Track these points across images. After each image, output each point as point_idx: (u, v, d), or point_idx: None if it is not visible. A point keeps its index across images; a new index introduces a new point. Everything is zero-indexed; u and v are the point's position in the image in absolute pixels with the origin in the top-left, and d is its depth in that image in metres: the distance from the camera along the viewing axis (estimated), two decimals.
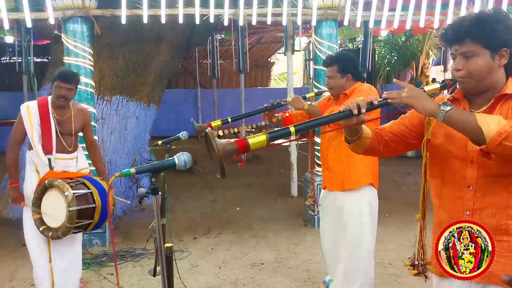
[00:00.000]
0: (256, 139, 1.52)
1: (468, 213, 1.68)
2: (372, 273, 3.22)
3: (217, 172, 1.56)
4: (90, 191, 3.27)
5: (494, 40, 1.61)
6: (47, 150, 3.41)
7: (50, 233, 3.22)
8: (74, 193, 3.11)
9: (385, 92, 1.64)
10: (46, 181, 3.22)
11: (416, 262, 1.82)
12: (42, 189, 3.25)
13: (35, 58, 9.18)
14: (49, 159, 3.39)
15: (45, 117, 3.44)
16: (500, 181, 1.63)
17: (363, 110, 1.60)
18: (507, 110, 1.62)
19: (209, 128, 1.50)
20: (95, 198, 3.25)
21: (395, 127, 1.90)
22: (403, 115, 1.94)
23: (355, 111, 1.60)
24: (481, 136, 1.46)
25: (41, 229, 3.26)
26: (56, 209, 3.17)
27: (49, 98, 3.54)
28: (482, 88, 1.67)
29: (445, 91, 1.86)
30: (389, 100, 1.60)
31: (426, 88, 1.72)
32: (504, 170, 1.61)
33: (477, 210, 1.67)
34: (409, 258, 1.88)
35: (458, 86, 1.73)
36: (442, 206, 1.79)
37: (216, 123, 3.38)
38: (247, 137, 1.53)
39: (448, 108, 1.52)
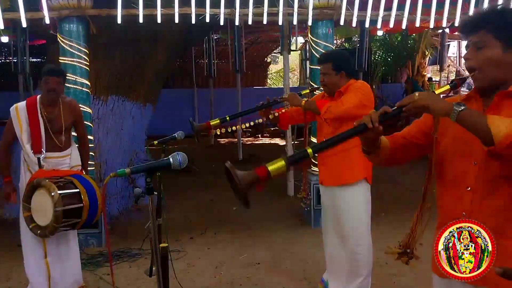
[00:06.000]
0: (276, 165, 1.51)
1: (465, 214, 1.68)
2: (371, 264, 3.38)
3: (240, 203, 1.54)
4: (77, 190, 3.31)
5: (509, 33, 1.60)
6: (36, 149, 3.47)
7: (39, 231, 3.28)
8: (60, 194, 3.16)
9: (397, 103, 1.63)
10: (35, 181, 3.28)
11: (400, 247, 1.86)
12: (31, 188, 3.31)
13: (31, 58, 9.14)
14: (39, 158, 3.45)
15: (33, 116, 3.49)
16: (500, 184, 1.63)
17: (376, 124, 1.60)
18: None
19: (228, 162, 1.48)
20: (82, 198, 3.29)
21: (407, 130, 1.91)
22: (416, 119, 1.93)
23: (370, 125, 1.60)
24: (490, 137, 1.46)
25: (30, 226, 3.32)
26: (43, 208, 3.23)
27: (38, 97, 3.58)
28: (492, 83, 1.66)
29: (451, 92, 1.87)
30: (404, 109, 1.59)
31: (437, 91, 1.73)
32: (506, 172, 1.61)
33: (475, 211, 1.67)
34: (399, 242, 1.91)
35: (472, 83, 1.73)
36: (442, 207, 1.80)
37: (215, 122, 3.41)
38: (266, 165, 1.51)
39: (462, 108, 1.52)
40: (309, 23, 5.18)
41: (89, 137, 4.76)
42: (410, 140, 1.88)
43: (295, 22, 5.58)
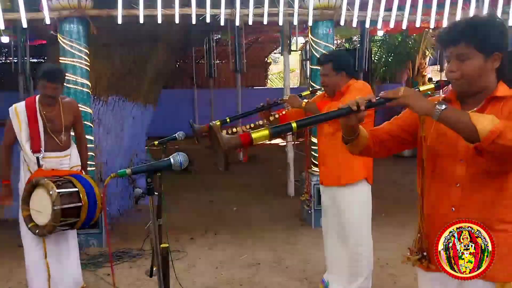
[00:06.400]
0: (259, 134, 1.54)
1: (453, 209, 1.71)
2: (372, 264, 3.39)
3: (220, 165, 1.60)
4: (76, 189, 3.31)
5: (487, 44, 1.64)
6: (35, 149, 3.46)
7: (37, 230, 3.28)
8: (59, 192, 3.17)
9: (381, 92, 1.65)
10: (33, 180, 3.30)
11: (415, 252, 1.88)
12: (30, 187, 3.32)
13: (31, 58, 9.14)
14: (37, 158, 3.45)
15: (32, 116, 3.48)
16: (488, 179, 1.67)
17: (362, 107, 1.61)
18: (497, 111, 1.65)
19: (213, 121, 1.54)
20: (81, 197, 3.29)
21: (389, 127, 1.94)
22: (396, 115, 1.96)
23: (354, 108, 1.61)
24: (475, 134, 1.49)
25: (29, 226, 3.32)
26: (42, 207, 3.23)
27: (37, 97, 3.57)
28: (474, 89, 1.70)
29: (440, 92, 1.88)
30: (387, 104, 1.62)
31: (421, 88, 1.75)
32: (493, 167, 1.64)
33: (463, 206, 1.70)
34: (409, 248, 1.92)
35: (451, 87, 1.76)
36: (428, 201, 1.83)
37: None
38: (250, 132, 1.55)
39: (443, 107, 1.55)
40: (310, 23, 5.19)
41: (89, 137, 4.76)
42: (394, 137, 1.91)
43: (295, 23, 5.58)
